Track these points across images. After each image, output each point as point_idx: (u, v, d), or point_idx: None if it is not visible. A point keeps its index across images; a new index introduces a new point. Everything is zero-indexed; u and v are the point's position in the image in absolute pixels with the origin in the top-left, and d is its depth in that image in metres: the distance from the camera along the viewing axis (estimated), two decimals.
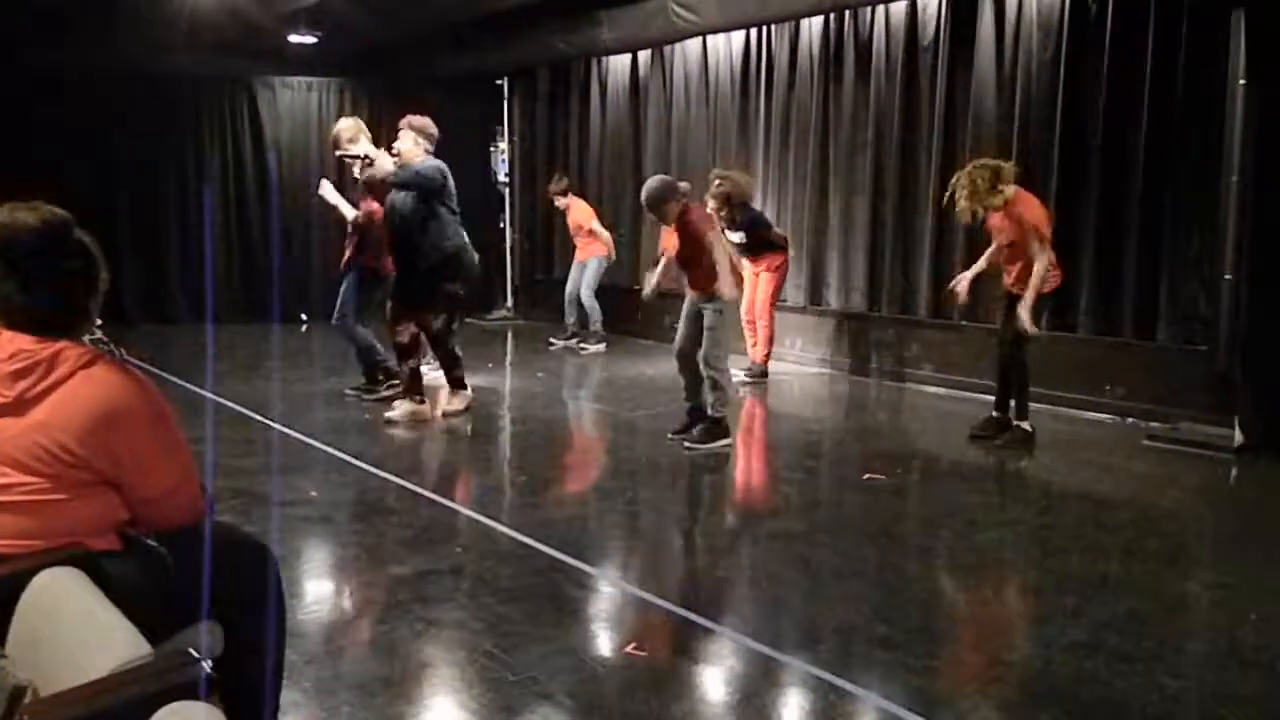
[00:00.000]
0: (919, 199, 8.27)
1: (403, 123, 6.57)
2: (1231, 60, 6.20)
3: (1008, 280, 6.16)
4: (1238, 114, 6.09)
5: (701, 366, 6.04)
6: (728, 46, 9.87)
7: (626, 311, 10.18)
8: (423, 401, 6.71)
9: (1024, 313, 5.80)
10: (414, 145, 6.46)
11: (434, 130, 6.58)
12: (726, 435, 6.11)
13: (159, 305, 11.36)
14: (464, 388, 6.89)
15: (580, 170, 11.64)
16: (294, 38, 10.53)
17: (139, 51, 10.37)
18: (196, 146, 11.65)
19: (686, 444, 6.08)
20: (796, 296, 9.23)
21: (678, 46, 10.34)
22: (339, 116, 12.12)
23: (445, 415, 6.78)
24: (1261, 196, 5.98)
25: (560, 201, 10.37)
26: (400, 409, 6.64)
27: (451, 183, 6.48)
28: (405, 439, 6.41)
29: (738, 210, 7.94)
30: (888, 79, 8.45)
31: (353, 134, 6.85)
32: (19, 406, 2.03)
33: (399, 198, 6.37)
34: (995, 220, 6.03)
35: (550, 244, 12.24)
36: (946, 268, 8.10)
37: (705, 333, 6.03)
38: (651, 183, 6.12)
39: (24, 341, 2.07)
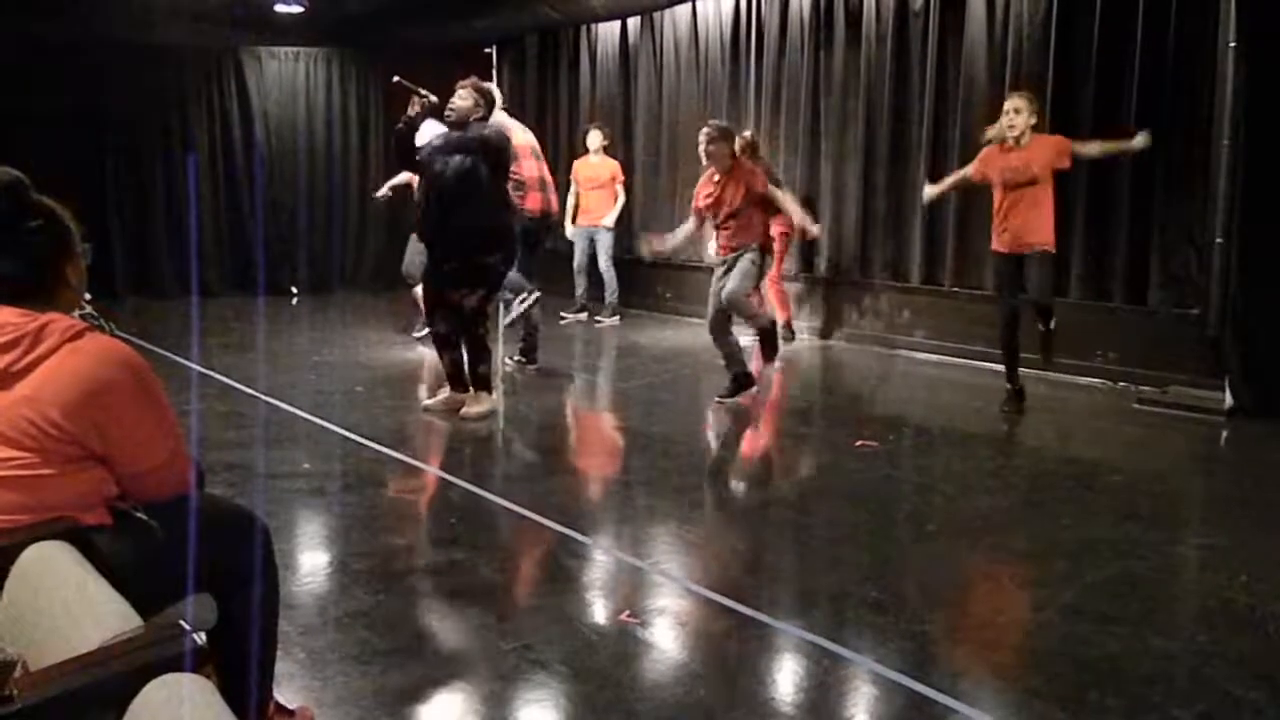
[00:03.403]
0: (910, 165, 8.24)
1: (467, 82, 5.90)
2: (1222, 23, 6.17)
3: (1010, 238, 5.92)
4: (1228, 77, 6.07)
5: (726, 306, 6.12)
6: (718, 13, 9.80)
7: (623, 283, 10.13)
8: (465, 390, 6.12)
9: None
10: (474, 105, 5.78)
11: (496, 95, 6.06)
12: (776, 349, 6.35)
13: (148, 279, 11.31)
14: (490, 390, 6.09)
15: (570, 139, 11.57)
16: (280, 7, 10.43)
17: (125, 22, 10.26)
18: (183, 118, 11.56)
19: (718, 397, 6.22)
20: (788, 264, 9.21)
21: (667, 13, 10.27)
22: (326, 86, 12.16)
23: (464, 419, 5.96)
24: (1252, 160, 5.97)
25: (596, 149, 9.94)
26: (472, 406, 6.01)
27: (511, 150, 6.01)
28: (399, 412, 6.39)
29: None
30: (878, 44, 8.40)
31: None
32: (5, 380, 2.01)
33: (454, 161, 5.67)
34: (1017, 158, 5.87)
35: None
36: (938, 234, 8.10)
37: (736, 273, 6.05)
38: (718, 122, 6.38)
39: (9, 315, 2.04)
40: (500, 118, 6.67)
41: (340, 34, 11.65)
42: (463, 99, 5.79)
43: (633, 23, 10.74)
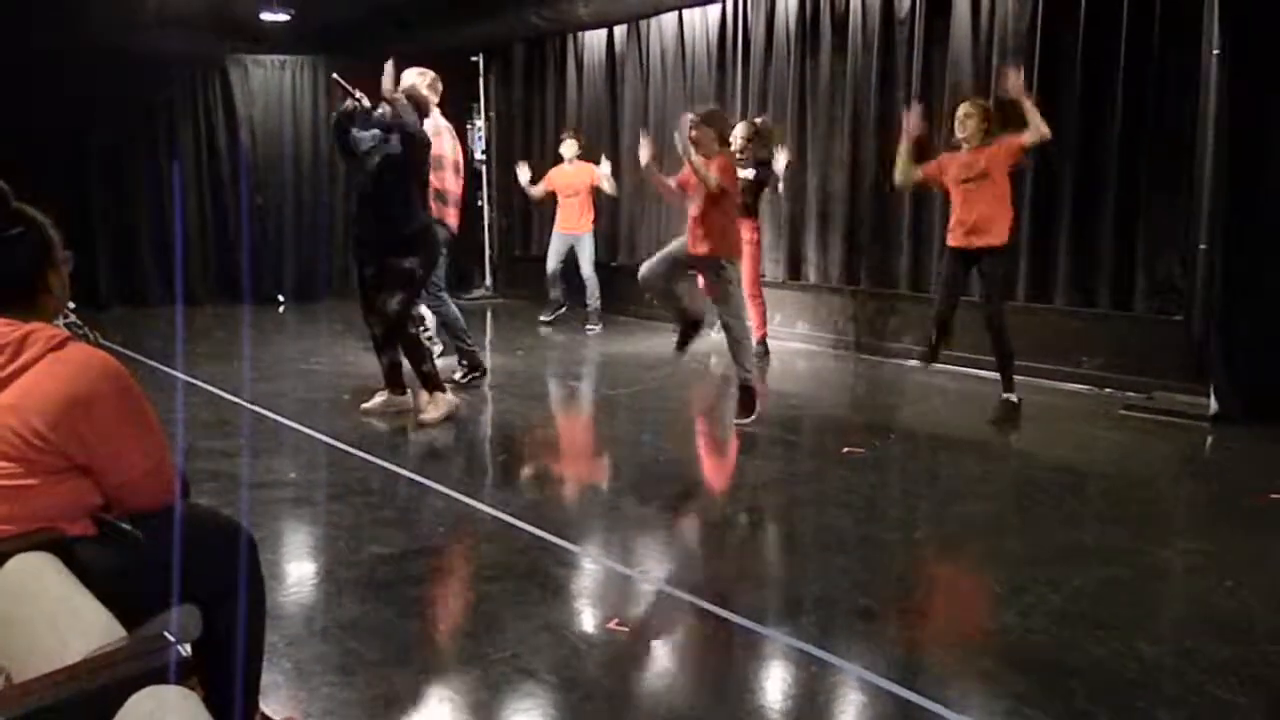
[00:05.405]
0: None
1: (398, 93, 5.86)
2: (1206, 30, 6.21)
3: (963, 233, 6.11)
4: (1213, 84, 6.11)
5: (726, 334, 5.98)
6: (704, 20, 9.81)
7: (607, 289, 10.14)
8: (403, 393, 6.26)
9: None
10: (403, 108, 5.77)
11: (424, 96, 6.11)
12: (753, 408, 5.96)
13: (133, 288, 11.26)
14: (442, 389, 6.12)
15: (557, 147, 11.55)
16: (266, 15, 10.41)
17: (110, 29, 10.21)
18: (169, 127, 11.52)
19: (736, 421, 5.98)
20: (775, 271, 9.23)
21: (653, 21, 10.29)
22: (312, 94, 12.14)
23: (423, 425, 6.00)
24: (1236, 167, 6.00)
25: (570, 158, 9.95)
26: (429, 411, 6.07)
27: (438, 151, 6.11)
28: (386, 420, 6.37)
29: (761, 148, 7.93)
30: (864, 52, 8.43)
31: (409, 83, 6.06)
32: None
33: (375, 159, 5.73)
34: (969, 157, 6.11)
35: (528, 221, 12.18)
36: (924, 241, 8.12)
37: (722, 298, 5.90)
38: (704, 107, 6.25)
39: None
40: (438, 122, 6.73)
41: (326, 42, 11.61)
42: (396, 103, 5.72)
43: (619, 31, 10.75)
